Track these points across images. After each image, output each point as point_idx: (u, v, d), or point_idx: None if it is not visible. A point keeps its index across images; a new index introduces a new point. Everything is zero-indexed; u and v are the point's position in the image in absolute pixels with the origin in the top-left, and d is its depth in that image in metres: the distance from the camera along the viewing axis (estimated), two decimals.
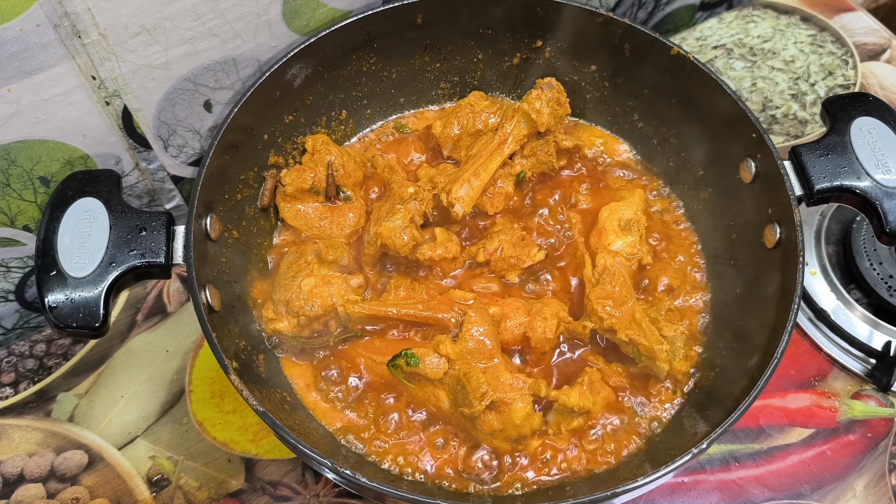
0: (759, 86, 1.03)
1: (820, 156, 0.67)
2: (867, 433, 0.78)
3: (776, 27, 1.09)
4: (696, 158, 0.80)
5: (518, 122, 0.77)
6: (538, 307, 0.70)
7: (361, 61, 0.80)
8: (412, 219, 0.71)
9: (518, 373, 0.66)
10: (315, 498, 0.73)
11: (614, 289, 0.70)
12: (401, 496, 0.56)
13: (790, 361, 0.81)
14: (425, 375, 0.65)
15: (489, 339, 0.65)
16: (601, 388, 0.68)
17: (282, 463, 0.74)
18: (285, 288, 0.70)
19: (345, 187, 0.78)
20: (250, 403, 0.57)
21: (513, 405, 0.63)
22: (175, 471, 0.74)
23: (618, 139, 0.86)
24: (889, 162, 0.66)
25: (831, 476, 0.75)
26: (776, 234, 0.68)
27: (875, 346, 0.80)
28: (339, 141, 0.84)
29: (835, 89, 1.03)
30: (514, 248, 0.74)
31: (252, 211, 0.75)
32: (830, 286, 0.84)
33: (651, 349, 0.66)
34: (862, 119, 0.68)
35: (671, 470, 0.56)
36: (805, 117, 1.00)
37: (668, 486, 0.74)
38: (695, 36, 1.08)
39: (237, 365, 0.60)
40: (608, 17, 0.76)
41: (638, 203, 0.78)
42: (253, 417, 0.76)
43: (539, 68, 0.84)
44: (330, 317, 0.70)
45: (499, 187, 0.78)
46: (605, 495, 0.56)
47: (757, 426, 0.78)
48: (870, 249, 0.84)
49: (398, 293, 0.71)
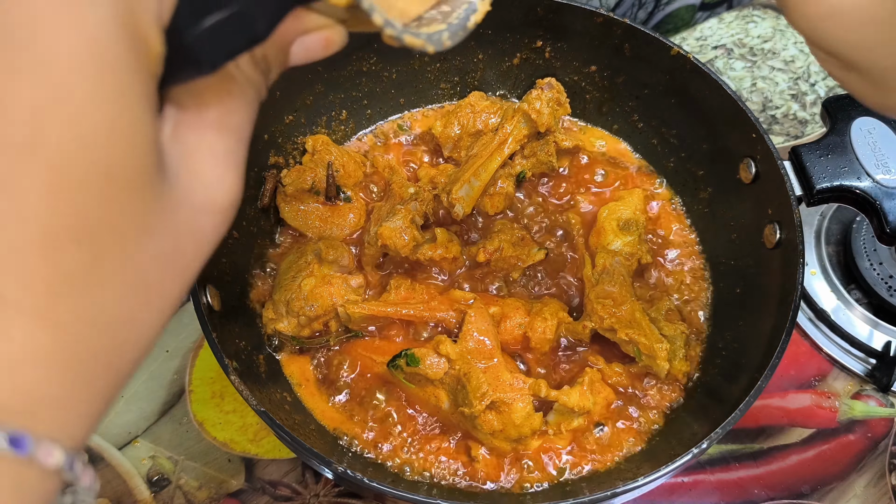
0: (759, 86, 1.03)
1: (820, 156, 0.67)
2: (867, 433, 0.78)
3: (776, 27, 1.09)
4: (696, 158, 0.80)
5: (518, 122, 0.77)
6: (538, 307, 0.70)
7: (361, 61, 0.80)
8: (413, 219, 0.71)
9: (518, 373, 0.66)
10: (315, 498, 0.73)
11: (614, 288, 0.70)
12: (401, 496, 0.56)
13: (790, 361, 0.81)
14: (425, 375, 0.65)
15: (489, 339, 0.65)
16: (601, 388, 0.68)
17: (282, 463, 0.74)
18: (285, 288, 0.70)
19: (345, 187, 0.78)
20: (250, 403, 0.57)
21: (513, 405, 0.63)
22: (175, 471, 0.74)
23: (618, 139, 0.86)
24: (889, 162, 0.66)
25: (831, 476, 0.75)
26: (776, 234, 0.68)
27: (875, 346, 0.80)
28: (339, 141, 0.84)
29: (835, 89, 1.03)
30: (514, 248, 0.74)
31: (252, 211, 0.75)
32: (830, 286, 0.84)
33: (651, 348, 0.66)
34: (862, 119, 0.68)
35: (671, 470, 0.56)
36: (805, 117, 1.00)
37: (668, 486, 0.74)
38: (695, 36, 1.08)
39: (237, 365, 0.60)
40: (608, 17, 0.76)
41: (637, 203, 0.78)
42: (253, 417, 0.76)
43: (539, 68, 0.84)
44: (330, 317, 0.70)
45: (499, 187, 0.78)
46: (604, 495, 0.56)
47: (757, 426, 0.78)
48: (870, 249, 0.84)
49: (398, 293, 0.71)
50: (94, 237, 0.22)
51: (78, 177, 0.21)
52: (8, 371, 0.20)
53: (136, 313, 0.24)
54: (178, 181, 0.25)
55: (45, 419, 0.21)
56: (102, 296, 0.22)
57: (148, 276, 0.24)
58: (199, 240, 0.27)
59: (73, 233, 0.21)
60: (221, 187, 0.27)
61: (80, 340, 0.22)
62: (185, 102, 0.26)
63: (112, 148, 0.21)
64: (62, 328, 0.21)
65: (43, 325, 0.21)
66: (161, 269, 0.25)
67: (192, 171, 0.26)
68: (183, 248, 0.26)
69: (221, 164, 0.27)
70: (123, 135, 0.22)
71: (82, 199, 0.21)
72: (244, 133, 0.29)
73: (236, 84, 0.28)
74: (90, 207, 0.21)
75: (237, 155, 0.28)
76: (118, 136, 0.21)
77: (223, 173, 0.27)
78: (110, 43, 0.21)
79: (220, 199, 0.27)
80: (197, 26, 0.24)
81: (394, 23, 0.28)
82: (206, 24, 0.24)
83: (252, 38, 0.26)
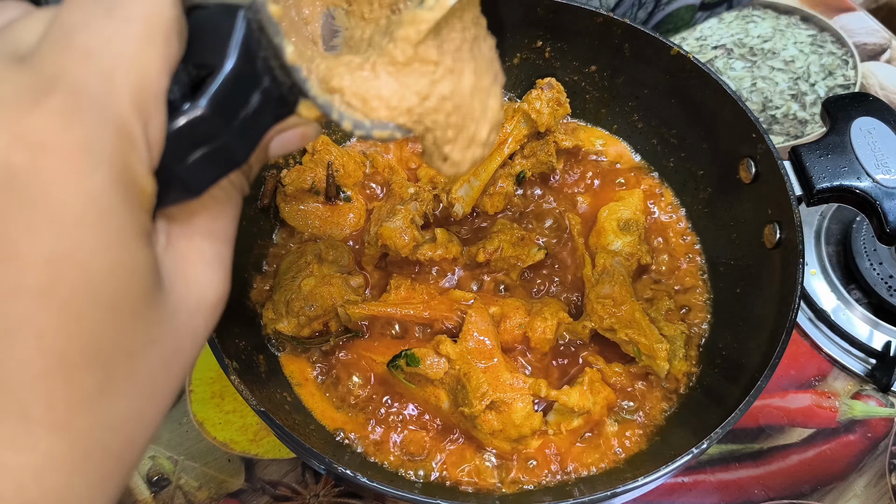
0: (759, 86, 1.03)
1: (820, 156, 0.67)
2: (867, 433, 0.78)
3: (776, 27, 1.09)
4: (696, 158, 0.80)
5: (518, 122, 0.77)
6: (538, 307, 0.70)
7: None
8: (413, 219, 0.71)
9: (518, 373, 0.66)
10: (315, 498, 0.73)
11: (614, 288, 0.70)
12: (401, 496, 0.56)
13: (790, 361, 0.81)
14: (425, 375, 0.65)
15: (489, 339, 0.65)
16: (601, 388, 0.68)
17: (282, 463, 0.74)
18: (285, 288, 0.70)
19: (345, 187, 0.78)
20: (250, 403, 0.57)
21: (513, 405, 0.63)
22: (175, 471, 0.74)
23: (618, 139, 0.86)
24: (889, 162, 0.66)
25: (831, 476, 0.75)
26: (776, 234, 0.68)
27: (875, 346, 0.80)
28: (339, 141, 0.84)
29: (835, 89, 1.03)
30: (514, 248, 0.74)
31: (252, 211, 0.75)
32: (830, 286, 0.84)
33: (651, 348, 0.66)
34: (862, 119, 0.68)
35: (671, 470, 0.56)
36: (805, 117, 1.00)
37: (668, 486, 0.74)
38: (695, 36, 1.08)
39: (237, 365, 0.60)
40: (608, 17, 0.77)
41: (637, 203, 0.78)
42: (253, 417, 0.76)
43: (539, 68, 0.84)
44: (330, 317, 0.70)
45: (499, 187, 0.78)
46: (604, 495, 0.56)
47: (757, 426, 0.78)
48: (870, 249, 0.84)
49: (398, 293, 0.71)
50: (105, 358, 0.25)
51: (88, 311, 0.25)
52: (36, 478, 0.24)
53: (144, 412, 0.28)
54: (174, 289, 0.28)
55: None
56: (115, 404, 0.26)
57: (153, 379, 0.28)
58: (196, 336, 0.30)
59: (87, 357, 0.25)
60: (212, 288, 0.30)
61: (95, 445, 0.26)
62: (175, 215, 0.30)
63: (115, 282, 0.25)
64: (80, 436, 0.25)
65: (65, 437, 0.25)
66: (164, 370, 0.28)
67: (185, 278, 0.29)
68: (182, 348, 0.29)
69: (210, 267, 0.30)
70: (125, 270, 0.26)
71: (92, 328, 0.25)
72: (230, 233, 0.32)
73: (221, 190, 0.32)
74: (100, 334, 0.25)
75: (224, 256, 0.31)
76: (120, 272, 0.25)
77: (213, 276, 0.30)
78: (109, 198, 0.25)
79: (211, 298, 0.30)
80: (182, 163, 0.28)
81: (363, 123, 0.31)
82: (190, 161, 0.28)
83: (233, 165, 0.30)
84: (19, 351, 0.24)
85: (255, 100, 0.29)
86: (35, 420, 0.24)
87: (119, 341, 0.26)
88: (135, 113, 0.26)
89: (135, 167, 0.26)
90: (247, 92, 0.29)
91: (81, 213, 0.24)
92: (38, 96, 0.24)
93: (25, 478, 0.24)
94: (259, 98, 0.29)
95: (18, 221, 0.23)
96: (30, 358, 0.24)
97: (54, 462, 0.25)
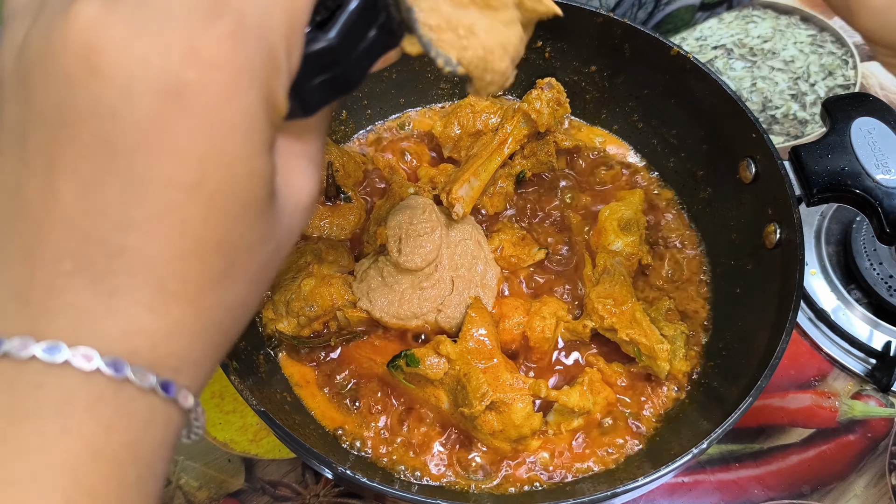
0: (759, 86, 1.03)
1: (820, 156, 0.67)
2: (867, 433, 0.78)
3: (776, 27, 1.09)
4: (696, 158, 0.80)
5: (518, 122, 0.77)
6: (537, 307, 0.70)
7: None
8: None
9: (518, 373, 0.66)
10: (315, 498, 0.73)
11: (614, 288, 0.70)
12: (401, 496, 0.56)
13: (790, 361, 0.81)
14: (425, 376, 0.65)
15: (489, 339, 0.65)
16: (601, 388, 0.68)
17: (282, 463, 0.74)
18: (285, 288, 0.70)
19: (345, 187, 0.78)
20: (250, 403, 0.57)
21: (513, 405, 0.63)
22: (175, 471, 0.74)
23: (618, 139, 0.86)
24: (889, 162, 0.66)
25: (831, 476, 0.75)
26: (776, 234, 0.68)
27: (875, 346, 0.80)
28: (339, 141, 0.84)
29: (835, 89, 1.03)
30: (514, 248, 0.74)
31: None
32: (830, 286, 0.84)
33: (651, 348, 0.66)
34: (862, 119, 0.68)
35: (671, 470, 0.56)
36: (805, 117, 1.00)
37: (668, 486, 0.74)
38: (695, 36, 1.08)
39: (237, 365, 0.60)
40: (608, 17, 0.76)
41: (637, 203, 0.78)
42: (253, 417, 0.76)
43: (539, 68, 0.84)
44: (330, 317, 0.70)
45: (499, 187, 0.78)
46: (605, 495, 0.56)
47: (757, 426, 0.78)
48: (870, 249, 0.84)
49: None
50: (231, 248, 0.30)
51: (226, 206, 0.29)
52: (167, 340, 0.29)
53: (248, 299, 0.33)
54: (281, 194, 0.32)
55: (186, 374, 0.30)
56: (232, 288, 0.31)
57: (261, 272, 0.33)
58: (293, 235, 0.35)
59: (218, 245, 0.29)
60: (308, 191, 0.34)
61: (214, 321, 0.31)
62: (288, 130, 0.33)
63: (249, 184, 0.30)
64: (204, 311, 0.30)
65: (192, 310, 0.29)
66: (269, 265, 0.33)
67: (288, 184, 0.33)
68: (283, 246, 0.34)
69: (308, 172, 0.34)
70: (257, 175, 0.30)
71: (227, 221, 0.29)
72: (322, 150, 0.36)
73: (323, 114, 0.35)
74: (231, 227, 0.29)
75: (316, 166, 0.35)
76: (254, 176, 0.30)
77: (308, 182, 0.34)
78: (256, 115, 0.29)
79: (306, 201, 0.34)
80: (306, 86, 0.32)
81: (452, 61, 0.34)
82: (313, 84, 0.32)
83: (346, 90, 0.34)
84: (165, 233, 0.28)
85: (372, 33, 0.33)
86: (171, 292, 0.28)
87: (244, 234, 0.30)
88: (283, 42, 0.29)
89: (277, 90, 0.30)
90: (367, 25, 0.32)
91: (234, 125, 0.28)
92: (209, 17, 0.27)
93: (158, 338, 0.29)
94: (375, 32, 0.33)
95: (182, 126, 0.27)
96: (173, 240, 0.28)
97: (182, 329, 0.29)
